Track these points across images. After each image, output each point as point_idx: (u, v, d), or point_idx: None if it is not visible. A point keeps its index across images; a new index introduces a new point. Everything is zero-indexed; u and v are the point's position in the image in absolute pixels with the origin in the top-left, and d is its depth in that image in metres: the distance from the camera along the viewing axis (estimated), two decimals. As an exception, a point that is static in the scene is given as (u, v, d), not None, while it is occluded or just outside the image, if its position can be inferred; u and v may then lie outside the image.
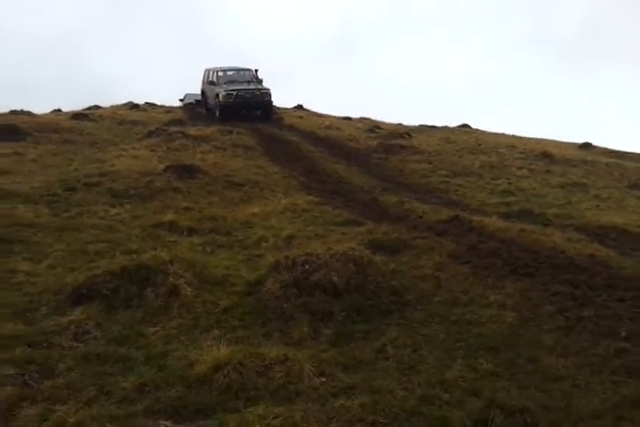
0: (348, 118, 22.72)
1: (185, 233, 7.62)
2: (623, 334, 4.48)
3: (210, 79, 20.19)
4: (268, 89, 19.51)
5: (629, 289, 5.38)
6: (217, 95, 19.14)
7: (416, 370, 4.07)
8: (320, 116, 23.10)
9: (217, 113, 19.20)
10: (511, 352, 4.29)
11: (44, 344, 4.27)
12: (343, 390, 3.76)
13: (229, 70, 20.57)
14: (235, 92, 18.78)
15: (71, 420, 3.19)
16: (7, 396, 3.51)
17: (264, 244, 7.19)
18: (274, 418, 3.30)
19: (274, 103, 19.97)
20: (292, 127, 18.18)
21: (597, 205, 10.08)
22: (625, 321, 4.70)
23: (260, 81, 20.04)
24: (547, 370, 4.04)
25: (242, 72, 20.62)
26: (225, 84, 19.43)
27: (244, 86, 19.36)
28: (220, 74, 20.06)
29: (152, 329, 4.64)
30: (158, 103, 24.62)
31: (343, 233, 7.53)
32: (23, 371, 3.85)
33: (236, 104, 18.78)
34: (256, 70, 20.56)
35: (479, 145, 16.42)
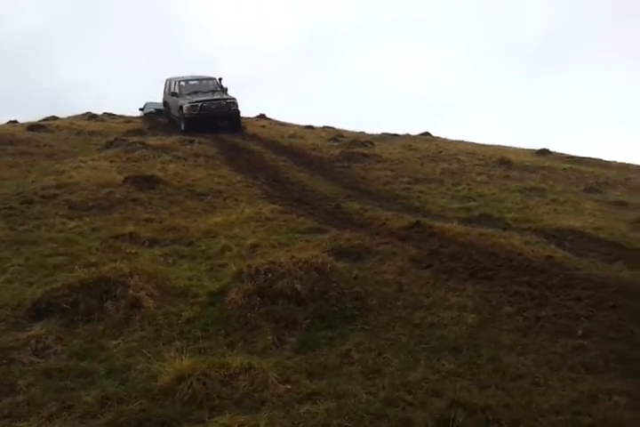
0: (311, 127, 22.82)
1: (146, 244, 7.54)
2: (580, 332, 4.62)
3: (172, 90, 19.42)
4: (233, 98, 18.78)
5: (585, 289, 5.54)
6: (180, 107, 18.32)
7: (380, 373, 4.12)
8: (283, 125, 23.14)
9: (182, 126, 18.32)
10: (472, 353, 4.38)
11: (4, 361, 4.18)
12: (308, 397, 3.77)
13: (192, 80, 19.77)
14: (199, 104, 18.07)
15: (31, 436, 3.12)
16: (-36, 415, 3.42)
17: (227, 253, 7.16)
18: (240, 426, 3.29)
19: (241, 113, 19.29)
20: (254, 136, 18.16)
21: (555, 209, 10.35)
22: (582, 320, 4.84)
23: (225, 90, 19.33)
24: (507, 369, 4.13)
25: (205, 81, 19.83)
26: (188, 94, 18.66)
27: (209, 97, 18.60)
28: (183, 84, 19.28)
29: (113, 342, 4.58)
30: (117, 113, 24.34)
31: (307, 241, 7.54)
32: (-20, 389, 3.75)
33: (202, 116, 17.98)
34: (220, 79, 19.85)
35: (440, 152, 16.68)
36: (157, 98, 21.77)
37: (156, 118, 21.68)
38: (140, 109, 24.21)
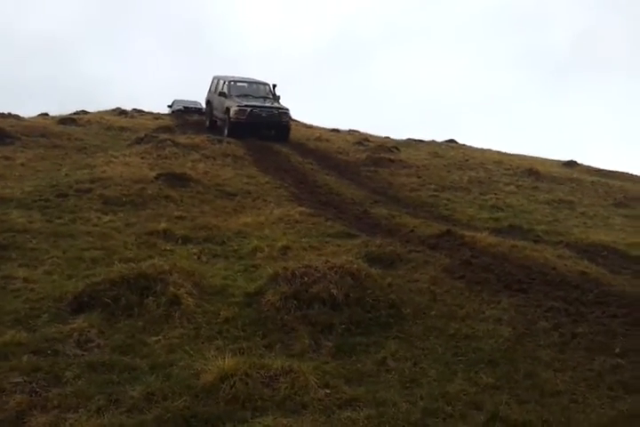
0: (337, 130, 22.92)
1: (179, 242, 7.63)
2: (617, 350, 4.60)
3: (220, 89, 18.13)
4: (287, 109, 17.46)
5: (621, 306, 5.52)
6: (227, 109, 17.03)
7: (418, 383, 4.15)
8: (309, 127, 23.27)
9: (225, 130, 17.04)
10: (510, 367, 4.39)
11: (49, 352, 4.26)
12: (348, 402, 3.81)
13: (243, 81, 18.57)
14: (249, 109, 16.76)
15: (83, 429, 3.21)
16: (17, 403, 3.51)
17: (259, 254, 7.22)
18: (283, 429, 3.34)
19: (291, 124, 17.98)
20: (281, 138, 18.22)
21: (584, 223, 10.31)
22: (619, 338, 4.83)
23: (277, 98, 18.02)
24: (545, 385, 4.13)
25: (257, 85, 18.61)
26: (237, 97, 17.38)
27: (260, 103, 17.34)
28: (233, 84, 18.06)
29: (154, 338, 4.65)
30: (146, 109, 24.62)
31: (338, 245, 7.60)
32: (30, 379, 3.84)
33: (250, 122, 16.65)
34: (274, 85, 18.48)
35: (466, 160, 16.68)
36: (185, 96, 22.00)
37: (185, 116, 21.89)
38: (169, 106, 24.46)
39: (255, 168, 13.53)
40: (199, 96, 20.23)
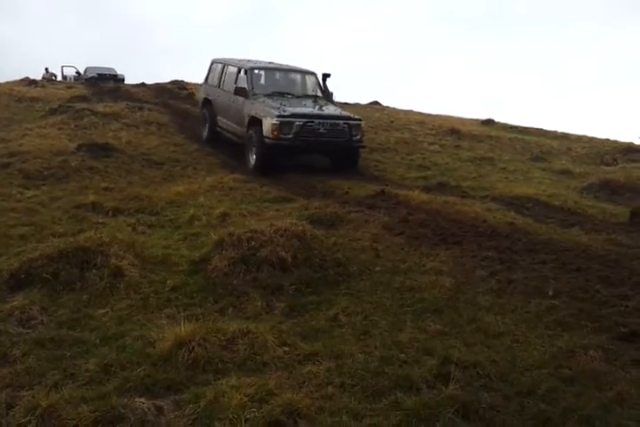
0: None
1: (110, 214, 7.41)
2: (551, 293, 4.92)
3: (234, 82, 11.15)
4: (359, 119, 10.45)
5: (549, 253, 5.88)
6: (255, 120, 10.14)
7: (371, 335, 4.29)
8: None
9: (251, 158, 10.33)
10: (454, 314, 4.61)
11: (-9, 332, 4.08)
12: (307, 358, 3.90)
13: (273, 69, 11.69)
14: (299, 122, 9.71)
15: (43, 404, 3.11)
16: (-35, 385, 3.36)
17: (197, 222, 7.13)
18: (248, 387, 3.38)
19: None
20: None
21: (506, 178, 10.78)
22: (550, 281, 5.16)
23: (331, 96, 11.37)
24: (488, 328, 4.38)
25: (297, 76, 11.65)
26: (269, 97, 10.53)
27: (310, 109, 10.35)
28: (257, 73, 11.24)
29: (101, 311, 4.54)
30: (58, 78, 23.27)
31: (277, 210, 7.60)
32: (-25, 360, 3.68)
33: (298, 145, 9.81)
34: (324, 76, 11.46)
35: (391, 122, 16.91)
36: (98, 63, 20.83)
37: (99, 84, 20.83)
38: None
39: (181, 136, 13.17)
40: (110, 62, 19.24)
